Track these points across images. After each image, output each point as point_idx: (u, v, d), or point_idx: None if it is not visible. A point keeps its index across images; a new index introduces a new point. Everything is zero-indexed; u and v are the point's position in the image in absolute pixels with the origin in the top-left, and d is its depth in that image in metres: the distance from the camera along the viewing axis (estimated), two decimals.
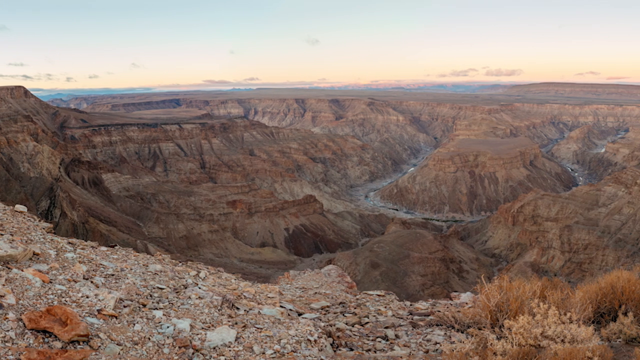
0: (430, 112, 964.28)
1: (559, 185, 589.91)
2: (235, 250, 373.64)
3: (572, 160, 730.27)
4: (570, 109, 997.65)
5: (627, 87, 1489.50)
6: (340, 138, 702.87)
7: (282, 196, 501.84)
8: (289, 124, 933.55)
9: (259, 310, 20.06)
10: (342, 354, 19.05)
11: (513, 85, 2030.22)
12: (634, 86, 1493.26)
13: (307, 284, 35.03)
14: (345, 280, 37.37)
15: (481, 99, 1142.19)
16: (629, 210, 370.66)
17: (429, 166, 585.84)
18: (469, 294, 32.85)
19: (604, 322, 23.12)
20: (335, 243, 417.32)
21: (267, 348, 16.86)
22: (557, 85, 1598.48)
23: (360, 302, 29.92)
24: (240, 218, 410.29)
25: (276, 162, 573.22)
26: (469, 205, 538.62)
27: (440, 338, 22.75)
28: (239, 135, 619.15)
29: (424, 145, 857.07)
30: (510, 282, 23.21)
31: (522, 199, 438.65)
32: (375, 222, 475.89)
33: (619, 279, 24.16)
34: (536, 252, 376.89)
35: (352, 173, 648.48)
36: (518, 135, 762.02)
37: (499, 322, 21.77)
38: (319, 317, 23.94)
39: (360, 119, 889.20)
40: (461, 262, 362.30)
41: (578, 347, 17.84)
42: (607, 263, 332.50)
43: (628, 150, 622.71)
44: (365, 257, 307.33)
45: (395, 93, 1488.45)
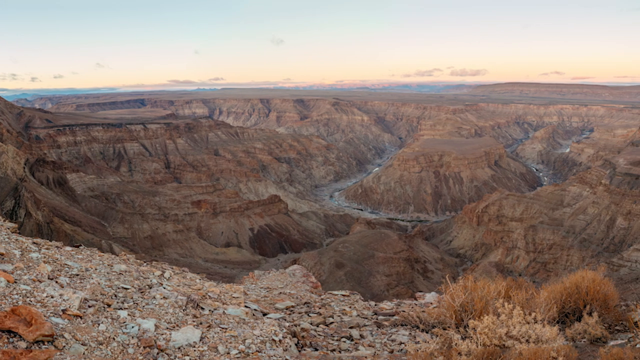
0: (395, 112, 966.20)
1: (523, 185, 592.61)
2: (200, 250, 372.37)
3: (537, 160, 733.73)
4: (535, 109, 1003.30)
5: (591, 87, 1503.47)
6: (305, 138, 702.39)
7: (246, 196, 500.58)
8: (254, 124, 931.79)
9: (224, 310, 20.10)
10: (306, 354, 19.09)
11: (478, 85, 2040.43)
12: (598, 86, 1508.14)
13: (272, 284, 34.99)
14: (310, 280, 37.36)
15: (446, 99, 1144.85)
16: (594, 210, 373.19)
17: (394, 166, 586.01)
18: (434, 294, 33.04)
19: (569, 322, 23.39)
20: (300, 243, 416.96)
21: (232, 348, 16.91)
22: (522, 85, 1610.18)
23: (325, 302, 29.97)
24: (205, 218, 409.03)
25: (241, 162, 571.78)
26: (434, 205, 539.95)
27: (405, 338, 22.88)
28: (203, 135, 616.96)
29: (389, 145, 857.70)
30: (475, 282, 23.32)
31: (487, 199, 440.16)
32: (340, 222, 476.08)
33: (584, 279, 24.40)
34: (501, 252, 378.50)
35: (317, 173, 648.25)
36: (483, 135, 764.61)
37: (464, 322, 21.89)
38: (283, 317, 24.01)
39: (325, 119, 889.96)
40: (426, 262, 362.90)
41: (543, 347, 18.02)
42: (571, 263, 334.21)
43: (593, 150, 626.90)
44: (330, 257, 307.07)
45: (360, 93, 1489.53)
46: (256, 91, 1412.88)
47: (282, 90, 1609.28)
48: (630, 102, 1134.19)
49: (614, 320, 23.60)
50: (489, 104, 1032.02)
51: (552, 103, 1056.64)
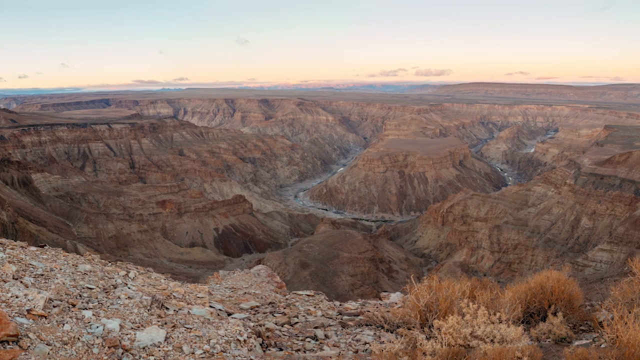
0: (359, 112, 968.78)
1: (488, 185, 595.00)
2: (165, 250, 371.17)
3: (502, 160, 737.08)
4: (499, 109, 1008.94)
5: (556, 87, 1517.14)
6: (270, 138, 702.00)
7: (211, 196, 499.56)
8: (219, 124, 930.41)
9: (189, 310, 20.04)
10: (271, 354, 19.10)
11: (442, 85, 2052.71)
12: (563, 86, 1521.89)
13: (237, 284, 34.90)
14: (275, 280, 37.36)
15: (411, 99, 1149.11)
16: (559, 210, 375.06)
17: (359, 166, 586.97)
18: (399, 294, 33.09)
19: (534, 322, 23.43)
20: (264, 243, 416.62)
21: (197, 348, 16.88)
22: (487, 85, 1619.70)
23: (290, 302, 29.99)
24: (170, 218, 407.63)
25: (205, 162, 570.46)
26: (399, 205, 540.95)
27: (370, 338, 22.91)
28: (168, 135, 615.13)
29: (354, 145, 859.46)
30: (440, 282, 23.32)
31: (452, 199, 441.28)
32: (305, 222, 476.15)
33: (549, 279, 24.43)
34: (465, 252, 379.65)
35: (282, 173, 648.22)
36: (447, 135, 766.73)
37: (429, 322, 21.92)
38: (248, 317, 24.01)
39: (290, 119, 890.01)
40: (391, 262, 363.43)
41: (507, 347, 18.02)
42: (536, 263, 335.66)
43: (557, 150, 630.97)
44: (295, 257, 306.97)
45: (324, 93, 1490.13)
46: (221, 91, 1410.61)
47: (246, 90, 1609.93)
48: (594, 102, 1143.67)
49: (578, 321, 23.70)
50: (453, 104, 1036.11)
51: (516, 103, 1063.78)
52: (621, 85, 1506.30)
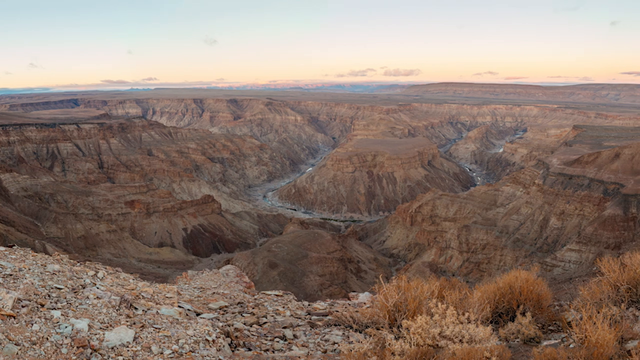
0: (328, 112, 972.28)
1: (457, 185, 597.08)
2: (134, 250, 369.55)
3: (471, 160, 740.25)
4: (468, 109, 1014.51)
5: (525, 87, 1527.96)
6: (239, 138, 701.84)
7: (180, 196, 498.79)
8: (187, 124, 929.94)
9: (157, 310, 19.99)
10: (240, 354, 19.10)
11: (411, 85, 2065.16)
12: (532, 86, 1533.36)
13: (206, 284, 34.86)
14: (244, 280, 37.31)
15: (379, 99, 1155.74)
16: (527, 210, 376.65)
17: (327, 166, 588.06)
18: (367, 294, 33.16)
19: (502, 322, 23.53)
20: (233, 243, 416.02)
21: (166, 348, 16.93)
22: (456, 85, 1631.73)
23: (259, 302, 30.02)
24: (139, 218, 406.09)
25: (174, 162, 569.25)
26: (367, 205, 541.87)
27: (339, 338, 22.96)
28: (137, 135, 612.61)
29: (322, 145, 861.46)
30: (409, 282, 23.37)
31: (420, 199, 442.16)
32: (274, 222, 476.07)
33: (517, 279, 24.53)
34: (434, 252, 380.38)
35: (251, 173, 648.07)
36: (416, 135, 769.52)
37: (397, 322, 21.96)
38: (217, 317, 24.00)
39: (259, 119, 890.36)
40: (359, 262, 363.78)
41: (476, 347, 18.13)
42: (505, 263, 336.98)
43: (526, 150, 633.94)
44: (264, 257, 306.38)
45: (293, 93, 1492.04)
46: (190, 91, 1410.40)
47: (215, 90, 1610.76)
48: (563, 102, 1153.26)
49: (547, 320, 23.81)
50: (422, 104, 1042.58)
51: (485, 103, 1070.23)
52: (590, 86, 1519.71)
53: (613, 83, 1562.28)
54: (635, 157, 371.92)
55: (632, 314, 21.57)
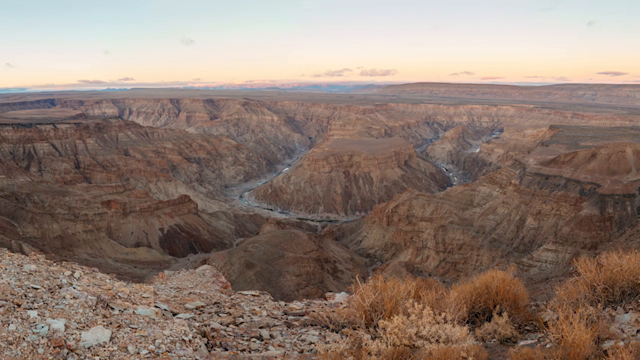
0: (305, 112, 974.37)
1: (433, 185, 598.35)
2: (110, 250, 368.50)
3: (447, 160, 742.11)
4: (444, 109, 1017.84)
5: (501, 87, 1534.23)
6: (215, 138, 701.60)
7: (156, 196, 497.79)
8: (164, 124, 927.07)
9: (134, 310, 19.93)
10: (216, 354, 19.09)
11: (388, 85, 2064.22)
12: (508, 86, 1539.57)
13: (182, 284, 34.81)
14: (220, 280, 37.29)
15: (356, 99, 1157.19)
16: (504, 210, 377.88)
17: (304, 166, 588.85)
18: (344, 294, 33.19)
19: (479, 322, 23.52)
20: (209, 243, 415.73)
21: (142, 348, 16.91)
22: (432, 85, 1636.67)
23: (235, 302, 29.98)
24: (115, 218, 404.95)
25: (151, 162, 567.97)
26: (344, 205, 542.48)
27: (315, 338, 22.96)
28: (113, 135, 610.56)
29: (299, 145, 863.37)
30: (385, 282, 23.40)
31: (397, 199, 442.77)
32: (250, 222, 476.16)
33: (494, 279, 24.53)
34: (411, 252, 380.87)
35: (227, 173, 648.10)
36: (393, 135, 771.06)
37: (374, 322, 21.97)
38: (193, 317, 23.94)
39: (235, 119, 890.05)
40: (336, 262, 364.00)
41: (453, 347, 18.17)
42: (481, 263, 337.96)
43: (502, 150, 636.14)
44: (240, 257, 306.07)
45: (270, 93, 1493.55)
46: (166, 91, 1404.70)
47: (192, 90, 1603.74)
48: (539, 102, 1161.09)
49: (523, 321, 23.84)
50: (398, 104, 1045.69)
51: (462, 103, 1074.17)
52: (566, 85, 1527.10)
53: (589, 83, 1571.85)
54: (612, 157, 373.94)
55: (609, 314, 21.66)
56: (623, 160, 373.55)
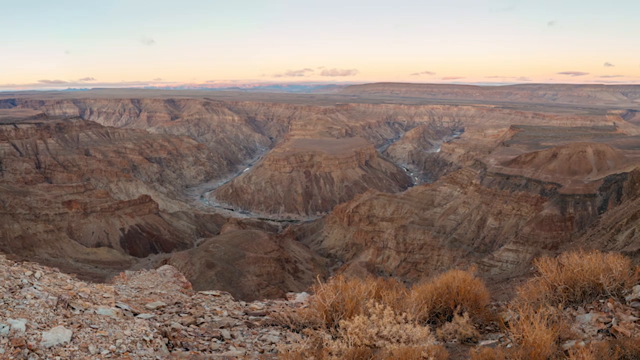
0: (265, 112, 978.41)
1: (394, 185, 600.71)
2: (71, 251, 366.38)
3: (408, 160, 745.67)
4: (405, 109, 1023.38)
5: (462, 87, 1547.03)
6: (176, 138, 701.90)
7: (117, 196, 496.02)
8: (125, 124, 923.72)
9: (95, 310, 19.87)
10: (177, 354, 19.07)
11: (348, 85, 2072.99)
12: (469, 86, 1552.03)
13: (143, 284, 34.70)
14: (181, 280, 37.24)
15: (317, 99, 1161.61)
16: (464, 210, 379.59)
17: (265, 166, 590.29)
18: (305, 294, 33.23)
19: (440, 322, 23.63)
20: (170, 243, 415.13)
21: (103, 348, 16.88)
22: (393, 85, 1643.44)
23: (196, 302, 29.97)
24: (76, 218, 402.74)
25: (112, 162, 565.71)
26: (305, 205, 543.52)
27: (276, 338, 23.05)
28: (74, 135, 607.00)
29: (260, 145, 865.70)
30: (346, 282, 23.46)
31: (358, 199, 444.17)
32: (211, 222, 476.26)
33: (455, 279, 24.63)
34: (372, 252, 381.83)
35: (188, 173, 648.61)
36: (354, 135, 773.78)
37: (335, 322, 22.01)
38: (154, 317, 23.85)
39: (196, 119, 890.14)
40: (297, 262, 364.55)
41: (413, 347, 18.18)
42: (442, 263, 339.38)
43: (463, 150, 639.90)
44: (201, 257, 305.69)
45: (230, 93, 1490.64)
46: (127, 91, 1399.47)
47: (153, 90, 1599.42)
48: (500, 102, 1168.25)
49: (484, 320, 24.01)
50: (359, 104, 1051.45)
51: (422, 103, 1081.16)
52: (527, 85, 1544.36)
53: (550, 83, 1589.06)
54: (573, 157, 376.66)
55: (570, 314, 21.81)
56: (584, 160, 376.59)
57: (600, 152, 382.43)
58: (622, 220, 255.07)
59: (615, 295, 22.36)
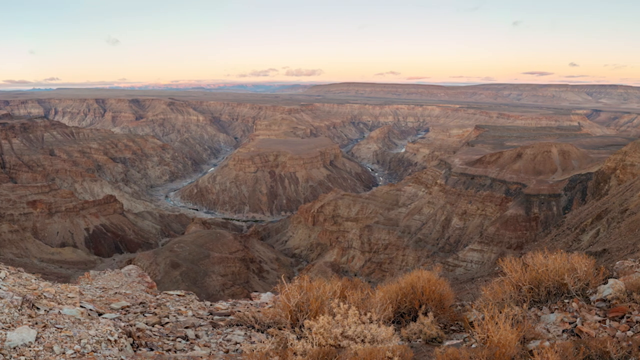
0: (230, 112, 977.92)
1: (359, 185, 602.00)
2: (36, 251, 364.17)
3: (373, 160, 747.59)
4: (370, 109, 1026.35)
5: (427, 87, 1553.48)
6: (141, 138, 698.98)
7: (82, 196, 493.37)
8: (90, 124, 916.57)
9: (60, 310, 19.77)
10: (142, 354, 19.01)
11: (313, 85, 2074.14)
12: (434, 86, 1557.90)
13: (108, 284, 34.51)
14: (146, 280, 37.08)
15: (281, 99, 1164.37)
16: (429, 210, 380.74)
17: (229, 166, 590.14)
18: (270, 294, 33.28)
19: (405, 322, 23.64)
20: (135, 243, 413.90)
21: (68, 348, 16.79)
22: (358, 85, 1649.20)
23: (161, 302, 29.85)
24: (41, 218, 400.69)
25: (76, 162, 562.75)
26: (269, 205, 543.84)
27: (241, 338, 23.05)
28: (39, 135, 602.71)
29: (225, 145, 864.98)
30: (311, 282, 23.45)
31: (322, 199, 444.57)
32: (176, 222, 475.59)
33: (419, 279, 24.66)
34: (336, 252, 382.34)
35: (153, 173, 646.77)
36: (318, 135, 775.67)
37: (300, 322, 22.05)
38: (119, 317, 23.79)
39: (161, 119, 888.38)
40: (261, 262, 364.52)
41: (378, 347, 18.18)
42: (407, 263, 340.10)
43: (428, 150, 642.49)
44: (166, 257, 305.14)
45: (195, 93, 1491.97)
46: (92, 91, 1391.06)
47: (117, 90, 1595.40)
48: (465, 102, 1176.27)
49: (449, 320, 24.08)
50: (324, 104, 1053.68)
51: (387, 103, 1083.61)
52: (492, 85, 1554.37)
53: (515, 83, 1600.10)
54: (537, 157, 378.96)
55: (534, 314, 21.95)
56: (549, 160, 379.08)
57: (565, 152, 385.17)
58: (586, 220, 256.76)
59: (580, 295, 22.52)
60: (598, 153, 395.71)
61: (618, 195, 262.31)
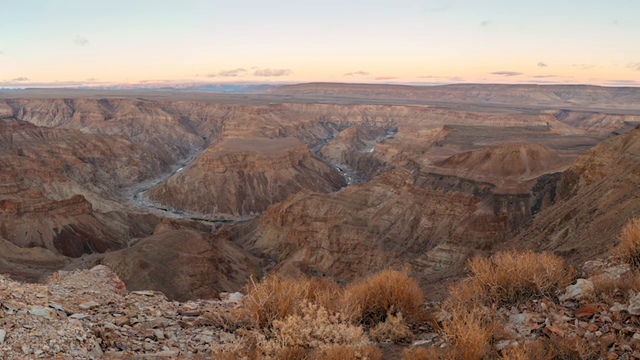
0: (199, 112, 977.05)
1: (328, 185, 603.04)
2: (4, 250, 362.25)
3: (341, 160, 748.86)
4: (339, 109, 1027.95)
5: (395, 87, 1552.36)
6: (109, 138, 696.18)
7: (51, 196, 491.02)
8: (58, 124, 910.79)
9: (28, 310, 19.69)
10: (111, 354, 18.95)
11: (282, 85, 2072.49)
12: (402, 86, 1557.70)
13: (76, 284, 34.32)
14: (114, 280, 36.93)
15: (250, 99, 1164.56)
16: (398, 210, 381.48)
17: (198, 166, 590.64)
18: (238, 294, 33.20)
19: (373, 322, 23.65)
20: (104, 243, 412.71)
21: (36, 348, 16.73)
22: (326, 85, 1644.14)
23: (129, 302, 29.72)
24: (9, 218, 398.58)
25: (45, 162, 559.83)
26: (238, 205, 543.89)
27: (209, 338, 22.99)
28: (7, 135, 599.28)
29: (193, 145, 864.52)
30: (279, 282, 23.48)
31: (291, 199, 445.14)
32: (145, 222, 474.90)
33: (388, 279, 24.67)
34: (305, 252, 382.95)
35: (121, 173, 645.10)
36: (287, 135, 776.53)
37: (268, 322, 22.04)
38: (88, 317, 23.60)
39: (129, 119, 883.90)
40: (230, 262, 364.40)
41: (347, 347, 18.21)
42: (376, 263, 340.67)
43: (397, 150, 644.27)
44: (134, 257, 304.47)
45: (164, 93, 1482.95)
46: (60, 91, 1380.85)
47: (86, 90, 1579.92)
48: (434, 102, 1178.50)
49: (418, 320, 24.15)
50: (293, 104, 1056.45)
51: (356, 103, 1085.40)
52: (460, 85, 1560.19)
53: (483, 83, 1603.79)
54: (506, 157, 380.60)
55: (503, 314, 22.05)
56: (517, 160, 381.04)
57: (533, 152, 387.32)
58: (555, 220, 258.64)
59: (548, 295, 22.64)
60: (567, 153, 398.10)
61: (587, 195, 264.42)
